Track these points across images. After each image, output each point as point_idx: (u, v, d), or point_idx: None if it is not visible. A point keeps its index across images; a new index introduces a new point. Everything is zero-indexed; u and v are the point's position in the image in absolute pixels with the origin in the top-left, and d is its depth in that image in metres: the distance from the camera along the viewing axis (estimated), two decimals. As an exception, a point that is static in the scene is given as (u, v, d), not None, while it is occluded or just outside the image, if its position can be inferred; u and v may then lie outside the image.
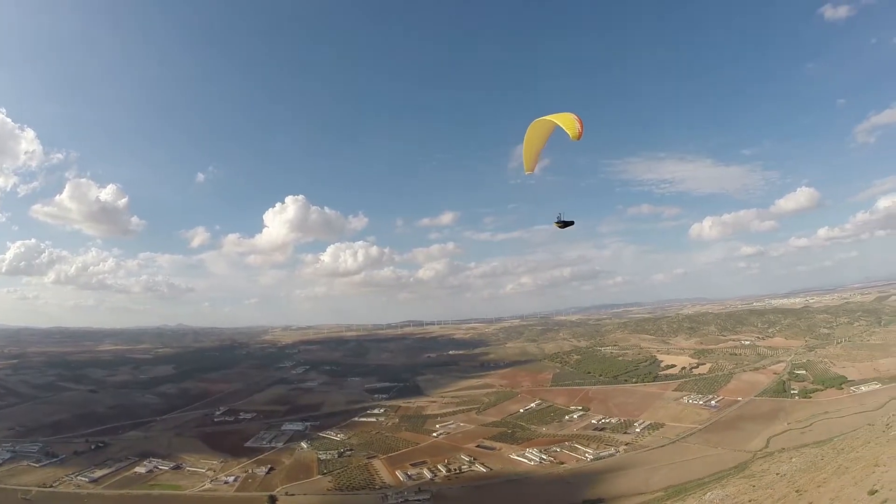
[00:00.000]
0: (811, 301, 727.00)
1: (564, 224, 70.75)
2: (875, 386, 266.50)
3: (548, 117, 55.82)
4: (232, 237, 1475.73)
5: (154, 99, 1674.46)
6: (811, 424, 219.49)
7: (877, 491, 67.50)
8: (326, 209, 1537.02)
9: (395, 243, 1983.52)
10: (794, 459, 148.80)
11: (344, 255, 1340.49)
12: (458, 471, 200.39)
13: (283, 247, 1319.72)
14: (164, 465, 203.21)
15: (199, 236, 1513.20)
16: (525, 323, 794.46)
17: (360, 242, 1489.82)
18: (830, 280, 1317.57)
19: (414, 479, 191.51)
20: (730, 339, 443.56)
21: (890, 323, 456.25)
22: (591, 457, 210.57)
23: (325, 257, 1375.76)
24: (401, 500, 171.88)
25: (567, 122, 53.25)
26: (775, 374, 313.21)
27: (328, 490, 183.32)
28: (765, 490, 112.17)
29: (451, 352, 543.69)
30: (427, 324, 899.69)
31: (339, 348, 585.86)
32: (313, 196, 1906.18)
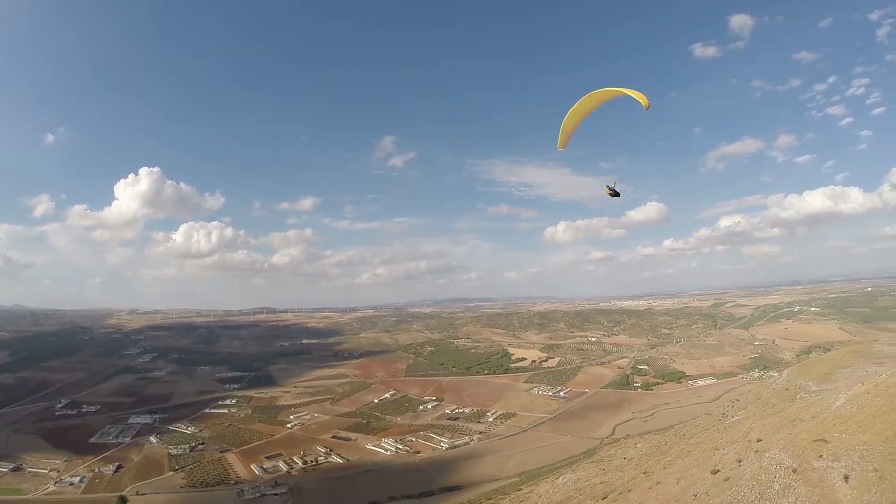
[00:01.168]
0: (654, 304, 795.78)
1: (615, 193, 72.65)
2: (711, 381, 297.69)
3: (608, 89, 54.92)
4: (78, 208, 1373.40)
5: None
6: (653, 414, 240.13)
7: (719, 470, 75.05)
8: (182, 185, 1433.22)
9: (252, 226, 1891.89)
10: (639, 445, 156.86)
11: (197, 236, 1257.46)
12: (314, 462, 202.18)
13: (133, 223, 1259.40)
14: (3, 467, 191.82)
15: (43, 205, 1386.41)
16: (380, 313, 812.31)
17: (215, 223, 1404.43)
18: (672, 286, 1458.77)
19: (270, 473, 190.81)
20: (577, 336, 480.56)
21: (724, 326, 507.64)
22: (447, 446, 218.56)
23: (178, 237, 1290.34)
24: (257, 494, 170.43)
25: (634, 93, 52.44)
26: (620, 368, 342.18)
27: (181, 487, 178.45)
28: (614, 473, 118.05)
29: (304, 340, 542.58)
30: (280, 311, 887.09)
31: (188, 335, 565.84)
32: (169, 170, 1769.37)
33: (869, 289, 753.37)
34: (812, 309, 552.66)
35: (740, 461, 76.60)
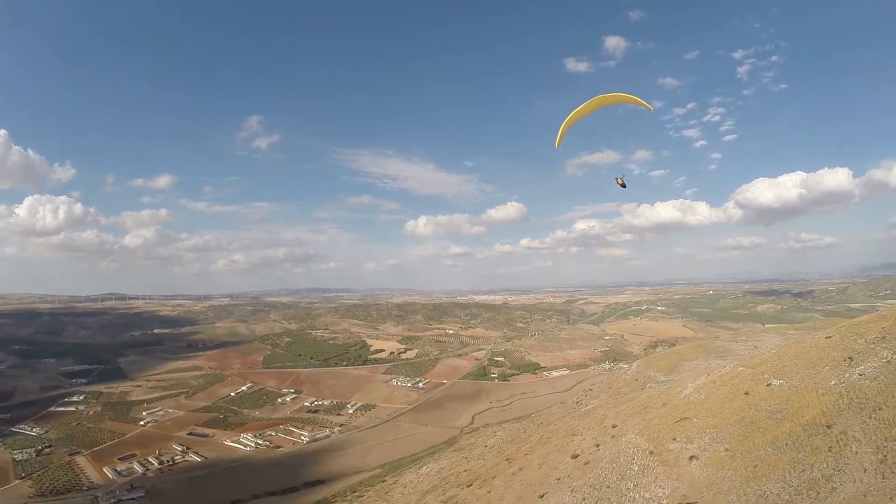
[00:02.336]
0: (510, 299, 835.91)
1: (624, 185, 75.41)
2: (564, 372, 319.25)
3: (612, 95, 57.91)
4: None
5: None
6: (511, 403, 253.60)
7: (578, 455, 79.94)
8: (31, 152, 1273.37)
9: (103, 203, 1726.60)
10: (499, 433, 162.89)
11: (43, 210, 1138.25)
12: (171, 462, 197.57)
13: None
14: None
15: None
16: (235, 302, 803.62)
17: (64, 197, 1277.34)
18: (528, 283, 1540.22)
19: (125, 475, 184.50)
20: (436, 328, 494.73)
21: (577, 322, 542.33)
22: (308, 439, 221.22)
23: (21, 210, 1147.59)
24: (113, 500, 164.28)
25: (636, 100, 56.68)
26: (477, 360, 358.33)
27: (30, 497, 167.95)
28: (477, 461, 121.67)
29: (157, 330, 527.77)
30: (131, 298, 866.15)
31: (30, 323, 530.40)
32: (18, 133, 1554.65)
33: (710, 292, 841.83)
34: (658, 308, 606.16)
35: (598, 446, 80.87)
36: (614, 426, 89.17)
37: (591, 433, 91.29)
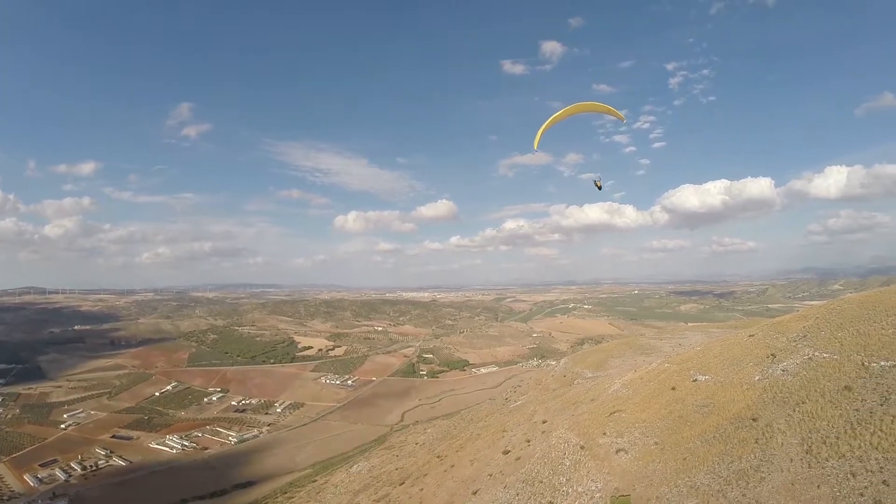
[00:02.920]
0: (439, 296, 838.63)
1: (599, 187, 74.21)
2: (493, 368, 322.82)
3: (588, 104, 59.63)
4: None
5: None
6: (440, 400, 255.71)
7: (510, 451, 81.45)
8: None
9: (23, 189, 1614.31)
10: (429, 430, 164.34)
11: None
12: (95, 467, 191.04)
13: None
14: None
15: None
16: (160, 297, 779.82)
17: None
18: (457, 280, 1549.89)
19: (46, 483, 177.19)
20: (364, 325, 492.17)
21: (505, 319, 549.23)
22: (236, 439, 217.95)
23: None
24: None
25: (611, 110, 58.76)
26: (406, 357, 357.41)
27: None
28: (408, 458, 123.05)
29: (77, 327, 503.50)
30: (51, 292, 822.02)
31: None
32: None
33: (636, 291, 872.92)
34: (585, 306, 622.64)
35: (529, 441, 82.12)
36: (544, 422, 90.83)
37: (522, 429, 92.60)
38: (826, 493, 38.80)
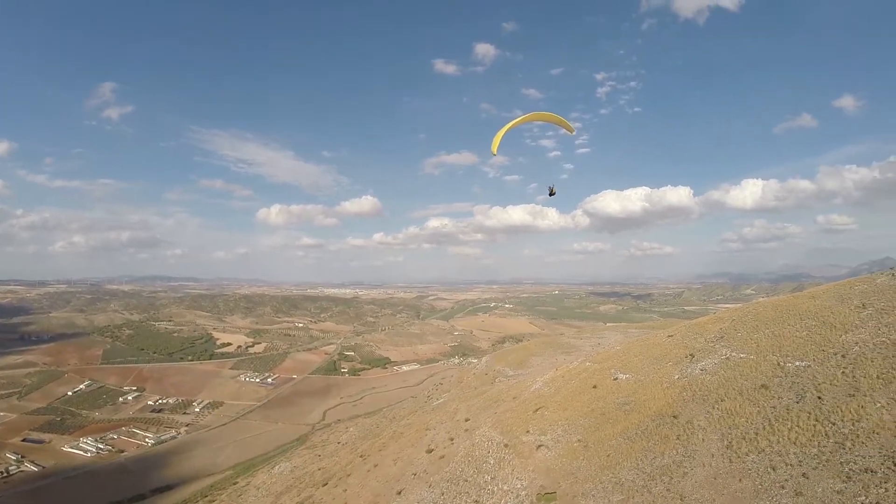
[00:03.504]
0: (361, 293, 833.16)
1: (552, 193, 71.99)
2: (415, 366, 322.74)
3: (545, 114, 60.91)
4: None
5: None
6: (361, 398, 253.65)
7: (433, 450, 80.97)
8: None
9: None
10: (351, 429, 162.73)
11: None
12: (5, 473, 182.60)
13: None
14: None
15: None
16: (73, 289, 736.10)
17: None
18: (379, 277, 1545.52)
19: None
20: (285, 321, 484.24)
21: (427, 317, 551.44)
22: (153, 441, 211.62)
23: None
24: None
25: (563, 122, 60.12)
26: (327, 354, 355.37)
27: None
28: (331, 458, 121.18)
29: None
30: None
31: None
32: None
33: (556, 292, 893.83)
34: (506, 305, 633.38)
35: (452, 440, 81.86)
36: (467, 420, 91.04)
37: (445, 427, 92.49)
38: (748, 486, 40.01)
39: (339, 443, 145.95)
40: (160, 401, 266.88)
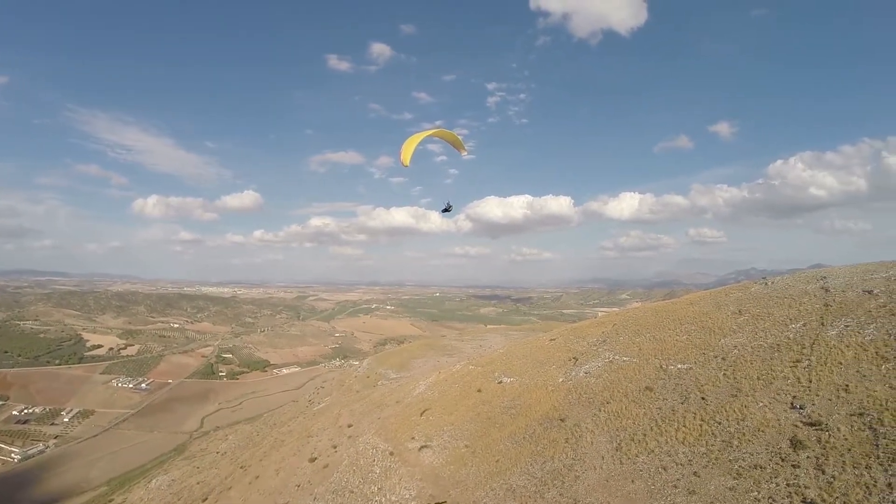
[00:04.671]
0: (239, 292, 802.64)
1: (447, 209, 65.68)
2: (295, 369, 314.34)
3: (448, 132, 58.79)
4: None
5: None
6: (241, 403, 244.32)
7: (316, 458, 77.20)
8: None
9: None
10: (230, 437, 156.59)
11: None
12: None
13: None
14: None
15: None
16: None
17: None
18: (259, 276, 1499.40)
19: None
20: (160, 321, 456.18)
21: (308, 318, 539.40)
22: (19, 456, 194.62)
23: None
24: None
25: (459, 144, 59.40)
26: (204, 357, 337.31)
27: None
28: (210, 470, 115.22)
29: None
30: None
31: None
32: None
33: (438, 294, 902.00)
34: (388, 307, 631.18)
35: (335, 447, 78.32)
36: (350, 426, 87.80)
37: (327, 434, 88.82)
38: (641, 487, 39.75)
39: (218, 452, 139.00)
40: (25, 410, 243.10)
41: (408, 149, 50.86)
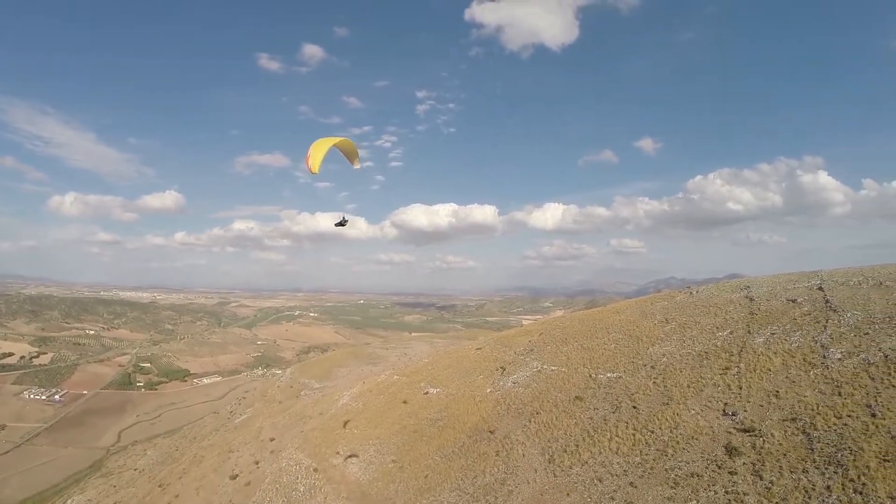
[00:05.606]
0: (159, 297, 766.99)
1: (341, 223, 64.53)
2: (216, 379, 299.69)
3: (350, 143, 55.93)
4: None
5: None
6: (160, 415, 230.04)
7: (238, 475, 73.19)
8: None
9: None
10: (149, 452, 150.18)
11: None
12: None
13: None
14: None
15: None
16: None
17: None
18: (179, 280, 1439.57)
19: None
20: (75, 328, 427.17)
21: (228, 325, 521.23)
22: None
23: None
24: None
25: (353, 155, 58.00)
26: (121, 366, 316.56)
27: None
28: (127, 489, 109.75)
29: None
30: None
31: None
32: None
33: (362, 301, 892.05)
34: (311, 314, 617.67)
35: (258, 463, 74.27)
36: (272, 439, 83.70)
37: (249, 448, 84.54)
38: (577, 500, 38.37)
39: (135, 469, 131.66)
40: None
41: (316, 156, 47.91)
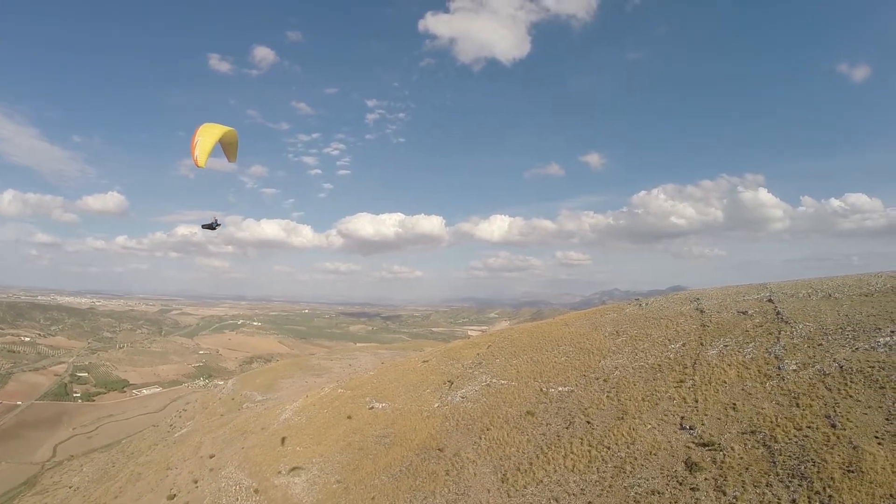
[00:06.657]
0: (98, 303, 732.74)
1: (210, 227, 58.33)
2: (156, 389, 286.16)
3: (234, 136, 50.15)
4: None
5: None
6: (97, 428, 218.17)
7: (175, 495, 69.29)
8: None
9: None
10: (85, 468, 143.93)
11: None
12: None
13: None
14: None
15: None
16: None
17: None
18: (119, 286, 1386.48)
19: None
20: (9, 334, 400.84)
21: (170, 333, 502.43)
22: None
23: None
24: None
25: (232, 149, 51.91)
26: (56, 375, 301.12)
27: None
28: None
29: None
30: None
31: None
32: None
33: (307, 310, 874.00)
34: (255, 323, 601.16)
35: (197, 482, 70.12)
36: (212, 456, 78.94)
37: (188, 465, 79.63)
38: (533, 525, 35.61)
39: (70, 487, 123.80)
40: None
41: (204, 147, 43.93)
